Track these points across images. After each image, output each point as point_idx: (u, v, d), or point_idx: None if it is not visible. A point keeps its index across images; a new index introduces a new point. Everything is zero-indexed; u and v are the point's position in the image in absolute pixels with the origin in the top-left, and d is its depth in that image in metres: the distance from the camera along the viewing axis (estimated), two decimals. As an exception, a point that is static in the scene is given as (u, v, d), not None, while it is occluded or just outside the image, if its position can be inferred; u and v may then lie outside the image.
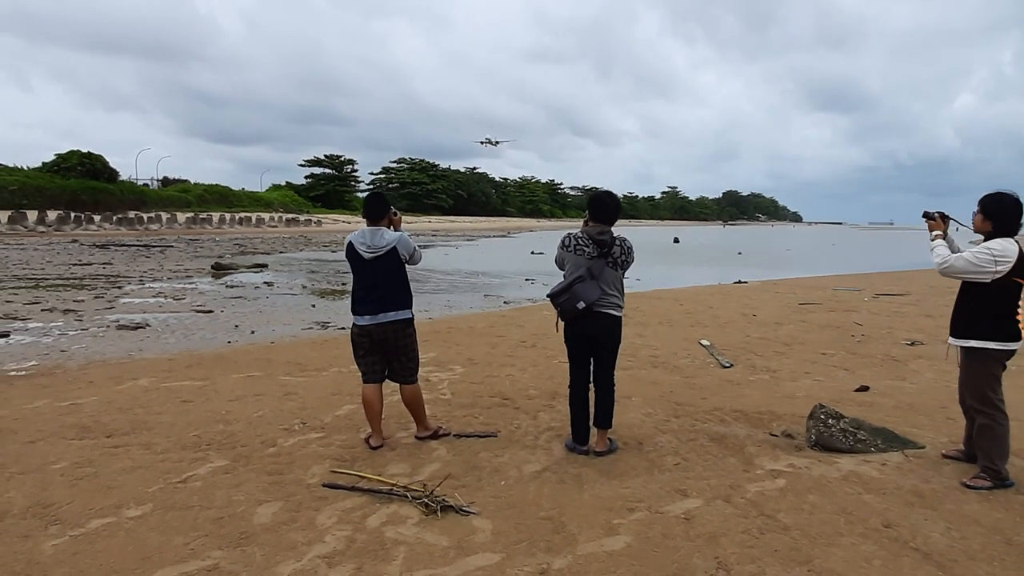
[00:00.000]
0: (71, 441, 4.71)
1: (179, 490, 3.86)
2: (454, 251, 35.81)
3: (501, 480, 4.05)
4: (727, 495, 3.78)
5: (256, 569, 3.00)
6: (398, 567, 3.02)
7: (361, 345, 4.59)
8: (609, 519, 3.48)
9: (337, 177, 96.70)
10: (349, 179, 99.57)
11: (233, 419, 5.20)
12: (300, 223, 67.33)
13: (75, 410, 5.47)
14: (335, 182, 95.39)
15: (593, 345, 4.44)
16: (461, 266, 25.25)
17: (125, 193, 63.90)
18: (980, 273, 3.83)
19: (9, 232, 44.00)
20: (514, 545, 3.22)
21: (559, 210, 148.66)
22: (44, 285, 17.21)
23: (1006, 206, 3.90)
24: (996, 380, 3.92)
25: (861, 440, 4.61)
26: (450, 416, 5.35)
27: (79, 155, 62.76)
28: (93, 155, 63.68)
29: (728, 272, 22.15)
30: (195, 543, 3.23)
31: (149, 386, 6.30)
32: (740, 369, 6.96)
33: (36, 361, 8.26)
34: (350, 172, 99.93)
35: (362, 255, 4.48)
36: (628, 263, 4.48)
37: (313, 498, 3.77)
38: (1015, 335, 3.85)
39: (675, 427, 5.04)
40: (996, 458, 3.90)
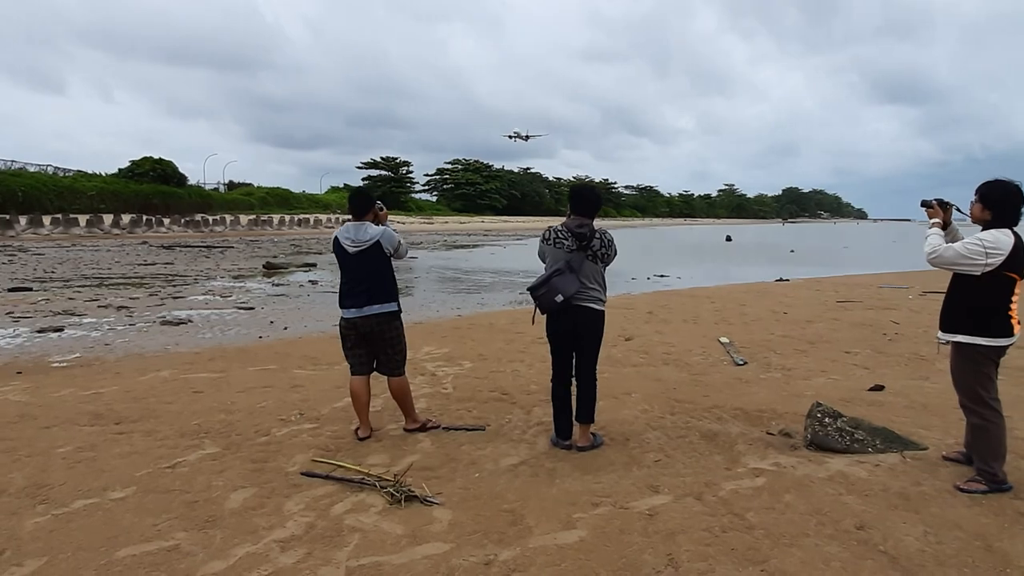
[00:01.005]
0: (82, 427, 4.97)
1: (165, 475, 4.02)
2: (500, 251, 36.00)
3: (475, 472, 4.06)
4: (699, 493, 3.69)
5: (212, 551, 3.11)
6: (347, 553, 3.08)
7: (348, 338, 4.68)
8: (570, 513, 3.45)
9: (393, 179, 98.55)
10: (405, 180, 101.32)
11: (236, 409, 5.38)
12: (356, 224, 68.76)
13: (95, 399, 5.76)
14: (391, 183, 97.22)
15: (574, 339, 4.41)
16: (503, 265, 25.36)
17: (193, 197, 66.79)
18: (970, 265, 3.62)
19: (87, 235, 46.57)
20: (467, 536, 3.23)
21: (612, 209, 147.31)
22: (107, 284, 18.15)
23: (1007, 195, 3.67)
24: (987, 378, 3.69)
25: (858, 440, 4.42)
26: (445, 409, 5.40)
27: (151, 161, 65.83)
28: (164, 161, 66.73)
29: (775, 270, 21.49)
30: (163, 524, 3.36)
31: (169, 377, 6.58)
32: (753, 367, 6.76)
33: (80, 353, 8.74)
34: (405, 174, 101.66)
35: (347, 249, 4.57)
36: (609, 256, 4.42)
37: (288, 485, 3.87)
38: (1006, 331, 3.63)
39: (668, 424, 4.94)
40: (991, 460, 3.68)
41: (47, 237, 42.29)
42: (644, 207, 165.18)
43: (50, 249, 32.21)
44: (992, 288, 3.61)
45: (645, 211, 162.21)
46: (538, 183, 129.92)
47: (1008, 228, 3.64)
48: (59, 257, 27.17)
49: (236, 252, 32.93)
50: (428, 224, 77.88)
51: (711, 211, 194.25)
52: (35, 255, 28.08)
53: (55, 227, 46.06)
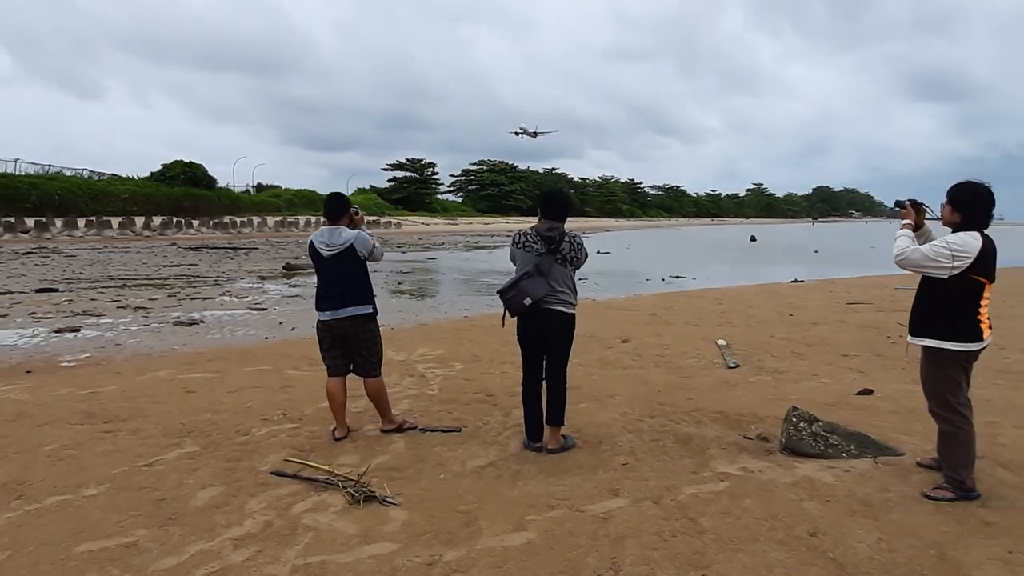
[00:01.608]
0: (72, 425, 5.12)
1: (140, 473, 4.13)
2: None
3: (441, 474, 4.10)
4: (658, 496, 3.68)
5: (168, 547, 3.19)
6: (296, 552, 3.14)
7: (324, 340, 4.76)
8: (524, 515, 3.46)
9: (418, 180, 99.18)
10: (430, 182, 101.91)
11: (222, 409, 5.50)
12: (380, 225, 69.44)
13: (90, 398, 5.93)
14: (416, 185, 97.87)
15: (543, 342, 4.42)
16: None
17: (222, 199, 68.03)
18: (936, 268, 3.55)
19: (119, 236, 47.68)
20: (417, 536, 3.27)
21: (638, 209, 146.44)
22: (130, 285, 18.59)
23: (976, 196, 3.61)
24: (955, 383, 3.62)
25: (832, 445, 4.36)
26: (427, 411, 5.45)
27: (182, 164, 67.17)
28: (194, 164, 68.05)
29: (793, 271, 21.18)
30: (128, 521, 3.46)
31: (166, 377, 6.74)
32: (745, 370, 6.69)
33: (90, 353, 8.99)
34: (430, 175, 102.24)
35: (321, 253, 4.65)
36: (579, 260, 4.43)
37: (255, 484, 3.95)
38: (975, 336, 3.55)
39: (645, 427, 4.92)
40: (959, 467, 3.60)
41: (81, 239, 43.37)
42: (671, 207, 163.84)
43: (82, 251, 33.03)
44: (960, 291, 3.54)
45: (672, 211, 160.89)
46: (563, 183, 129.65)
47: (977, 231, 3.57)
48: (89, 259, 27.87)
49: (260, 253, 33.46)
50: (452, 225, 78.26)
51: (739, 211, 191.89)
52: (67, 256, 28.84)
53: (89, 229, 47.23)
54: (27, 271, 22.06)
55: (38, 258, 27.61)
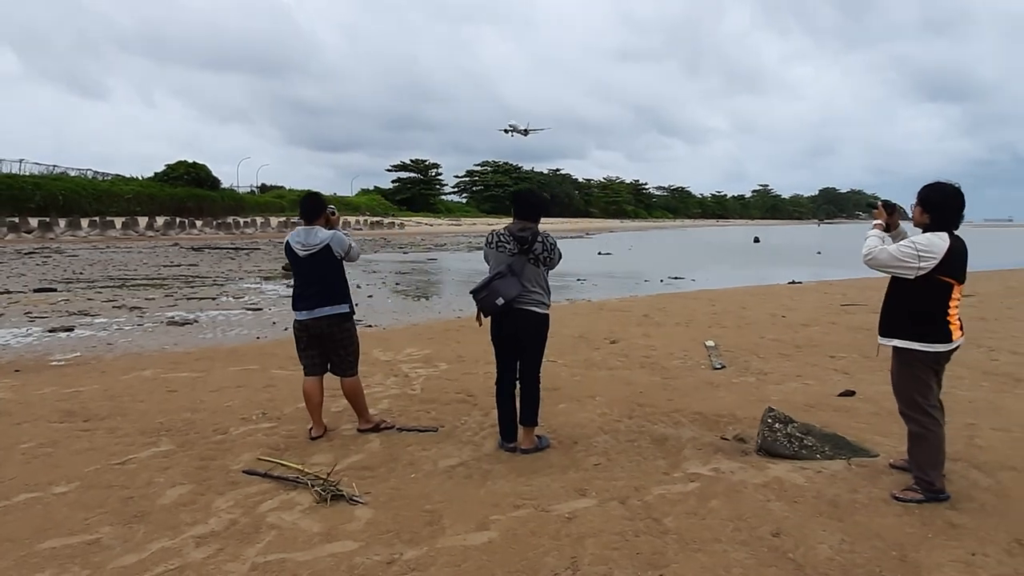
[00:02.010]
0: (51, 424, 5.14)
1: (113, 471, 4.14)
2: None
3: (412, 473, 4.10)
4: (625, 497, 3.67)
5: (131, 544, 3.20)
6: (257, 550, 3.14)
7: (300, 339, 4.76)
8: (488, 515, 3.46)
9: (422, 181, 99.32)
10: (434, 182, 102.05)
11: (202, 408, 5.51)
12: (383, 226, 69.58)
13: (72, 396, 5.95)
14: (420, 185, 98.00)
15: (516, 343, 4.42)
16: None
17: (226, 199, 68.19)
18: (903, 268, 3.54)
19: (122, 237, 47.88)
20: (379, 535, 3.27)
21: (643, 211, 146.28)
22: (128, 285, 18.65)
23: (945, 197, 3.59)
24: (925, 384, 3.60)
25: (807, 446, 4.34)
26: (406, 410, 5.45)
27: (186, 165, 67.34)
28: (198, 164, 68.22)
29: (793, 272, 21.09)
30: (94, 519, 3.47)
31: (150, 376, 6.76)
32: (730, 371, 6.67)
33: (80, 353, 9.02)
34: (435, 176, 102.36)
35: (297, 253, 4.66)
36: (552, 260, 4.43)
37: (225, 483, 3.95)
38: (943, 337, 3.53)
39: (622, 428, 4.91)
40: (928, 469, 3.58)
41: (84, 239, 43.56)
42: (676, 208, 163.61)
43: (85, 251, 33.18)
44: (928, 292, 3.53)
45: (677, 212, 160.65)
46: (568, 184, 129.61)
47: (947, 231, 3.55)
48: (91, 259, 27.98)
49: (261, 254, 33.54)
50: (455, 225, 78.31)
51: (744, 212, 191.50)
52: (69, 256, 28.97)
53: (92, 229, 47.43)
54: (28, 271, 22.17)
55: (40, 258, 27.73)
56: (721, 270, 22.48)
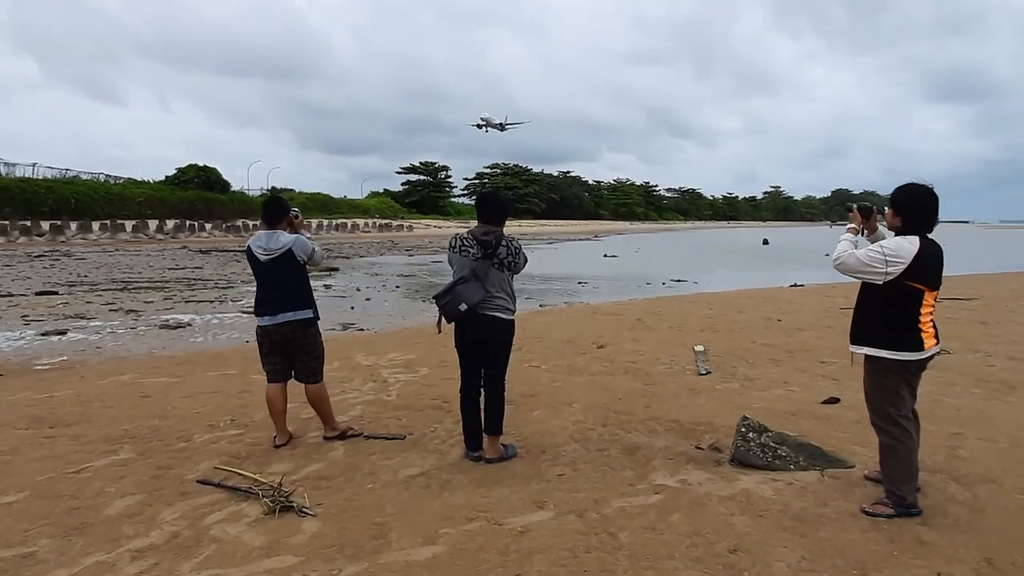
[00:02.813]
0: (16, 430, 5.07)
1: (66, 480, 4.06)
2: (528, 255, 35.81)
3: (369, 483, 3.99)
4: (584, 510, 3.54)
5: (66, 558, 3.10)
6: (193, 564, 3.03)
7: (263, 345, 4.67)
8: (438, 528, 3.34)
9: (432, 183, 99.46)
10: (443, 185, 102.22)
11: (171, 415, 5.43)
12: (392, 228, 69.67)
13: (44, 402, 5.89)
14: (430, 188, 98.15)
15: (481, 349, 4.30)
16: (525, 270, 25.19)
17: (235, 202, 68.56)
18: (870, 274, 3.40)
19: (132, 240, 48.21)
20: (322, 549, 3.15)
21: (654, 212, 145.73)
22: (130, 288, 18.70)
23: (915, 198, 3.45)
24: (895, 394, 3.45)
25: (780, 456, 4.19)
26: (377, 417, 5.34)
27: (196, 168, 67.81)
28: (208, 168, 68.68)
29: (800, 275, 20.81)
30: (34, 530, 3.38)
31: (127, 381, 6.70)
32: (715, 377, 6.51)
33: (67, 357, 8.99)
34: (444, 178, 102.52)
35: (259, 258, 4.56)
36: (516, 264, 4.32)
37: (176, 493, 3.85)
38: (914, 345, 3.38)
39: (594, 436, 4.78)
40: (899, 483, 3.43)
41: (94, 242, 43.86)
42: (686, 210, 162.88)
43: (93, 254, 33.37)
44: (897, 299, 3.38)
45: (687, 214, 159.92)
46: (578, 186, 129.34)
47: (919, 235, 3.40)
48: (98, 262, 28.10)
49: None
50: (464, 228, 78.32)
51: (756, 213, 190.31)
52: (77, 259, 29.13)
53: (103, 233, 47.77)
54: (34, 273, 22.30)
55: (48, 261, 27.90)
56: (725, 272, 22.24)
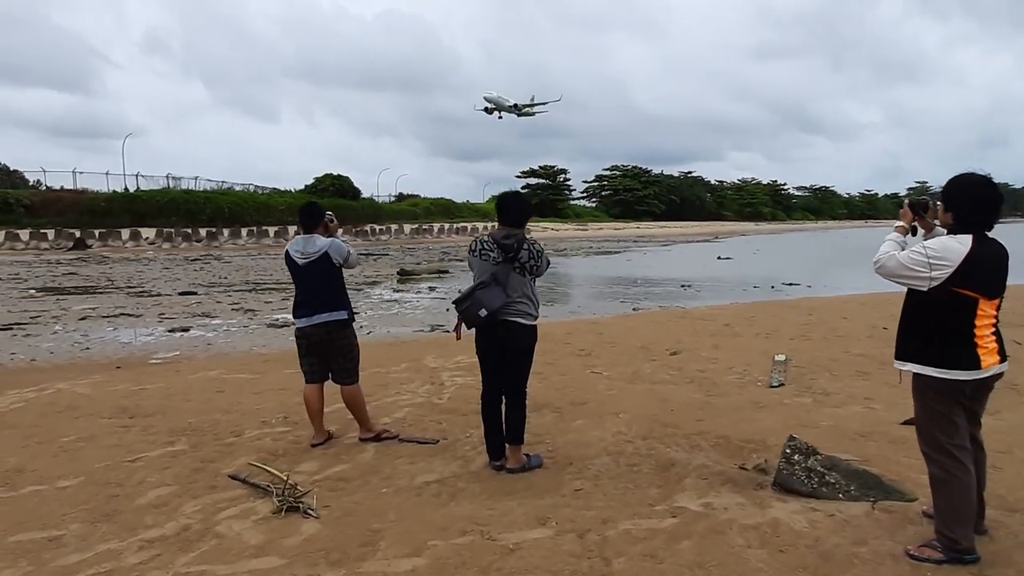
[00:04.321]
0: (101, 419, 5.56)
1: (119, 468, 4.38)
2: (640, 257, 35.05)
3: (383, 488, 3.98)
4: (586, 530, 3.32)
5: (84, 543, 3.31)
6: (189, 559, 3.14)
7: (301, 346, 4.81)
8: (429, 539, 3.25)
9: (551, 186, 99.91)
10: (562, 188, 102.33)
11: (234, 410, 5.73)
12: (510, 231, 70.58)
13: (136, 393, 6.43)
14: (549, 191, 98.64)
15: (501, 356, 4.17)
16: (631, 272, 24.67)
17: (365, 208, 72.42)
18: (913, 279, 2.93)
19: (274, 244, 52.16)
20: (309, 553, 3.17)
21: (782, 212, 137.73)
22: (258, 289, 20.18)
23: (967, 189, 2.95)
24: (945, 419, 2.95)
25: (828, 483, 3.74)
26: (420, 419, 5.36)
27: (331, 177, 72.41)
28: (342, 176, 73.12)
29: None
30: (71, 515, 3.66)
31: (213, 377, 7.17)
32: (788, 390, 5.96)
33: (180, 352, 9.82)
34: (563, 181, 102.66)
35: (297, 262, 4.71)
36: (539, 268, 4.15)
37: (207, 487, 4.04)
38: (968, 362, 2.88)
39: (630, 450, 4.51)
40: (951, 523, 2.93)
41: (242, 247, 47.89)
42: (818, 209, 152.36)
43: (239, 258, 36.41)
44: (946, 308, 2.90)
45: (819, 213, 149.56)
46: (699, 187, 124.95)
47: (972, 233, 2.90)
48: (241, 265, 30.51)
49: (388, 259, 35.19)
50: (582, 231, 77.93)
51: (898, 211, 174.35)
52: (224, 263, 31.83)
53: (250, 238, 52.13)
54: (184, 275, 24.66)
55: (200, 264, 30.69)
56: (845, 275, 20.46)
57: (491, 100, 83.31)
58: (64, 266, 28.66)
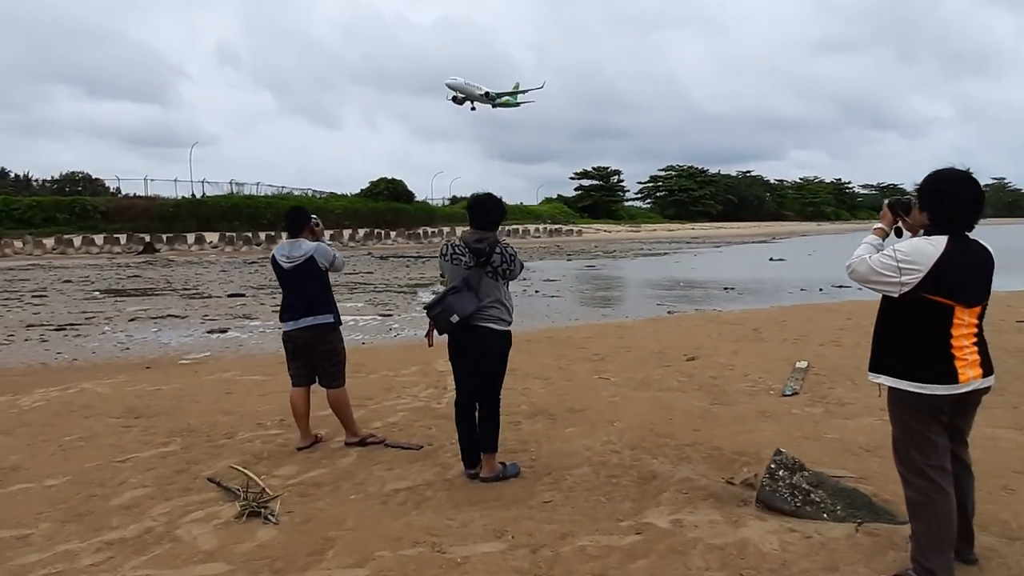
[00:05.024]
0: (109, 419, 5.71)
1: (107, 468, 4.46)
2: (689, 259, 34.27)
3: (352, 494, 3.93)
4: (541, 545, 3.17)
5: (47, 543, 3.37)
6: (139, 562, 3.15)
7: (287, 350, 4.82)
8: (376, 550, 3.17)
9: (604, 188, 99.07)
10: (615, 189, 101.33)
11: (235, 412, 5.80)
12: (562, 233, 70.41)
13: (150, 393, 6.59)
14: (602, 192, 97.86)
15: (474, 362, 4.07)
16: (674, 274, 24.13)
17: (418, 211, 73.48)
18: (884, 285, 2.68)
19: (329, 247, 53.55)
20: (255, 561, 3.13)
21: (845, 211, 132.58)
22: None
23: (942, 187, 2.68)
24: (923, 437, 2.68)
25: (813, 502, 3.49)
26: (411, 424, 5.30)
27: (386, 181, 73.71)
28: (396, 180, 74.33)
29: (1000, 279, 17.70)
30: (45, 514, 3.73)
31: (227, 378, 7.31)
32: (800, 399, 5.64)
33: (210, 352, 10.10)
34: (616, 183, 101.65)
35: (282, 266, 4.72)
36: (512, 272, 4.03)
37: (182, 489, 4.07)
38: (944, 376, 2.61)
39: (614, 461, 4.33)
40: (927, 550, 2.66)
41: (296, 250, 49.20)
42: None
43: (289, 261, 37.32)
44: (920, 316, 2.64)
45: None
46: (758, 186, 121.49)
47: (948, 234, 2.63)
48: (289, 268, 31.29)
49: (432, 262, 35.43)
50: (634, 232, 76.93)
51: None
52: (275, 266, 32.71)
53: (306, 242, 53.58)
54: (238, 277, 25.48)
55: (256, 267, 31.57)
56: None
57: (456, 87, 74.25)
58: (131, 269, 30.07)
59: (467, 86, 75.07)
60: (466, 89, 74.40)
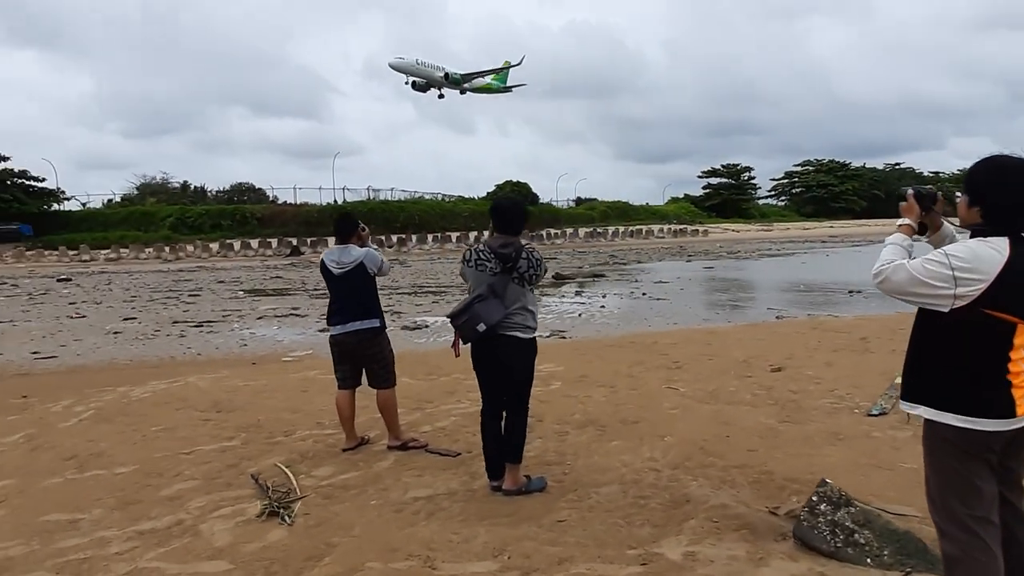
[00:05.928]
0: (195, 412, 6.14)
1: (172, 459, 4.78)
2: (819, 259, 31.82)
3: (374, 499, 3.94)
4: (534, 569, 3.01)
5: (91, 528, 3.65)
6: (155, 554, 3.32)
7: (334, 353, 4.95)
8: (369, 561, 3.14)
9: (734, 186, 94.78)
10: (746, 187, 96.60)
11: (303, 409, 6.05)
12: (687, 233, 68.15)
13: (238, 388, 7.04)
14: (732, 191, 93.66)
15: (500, 371, 3.94)
16: (798, 276, 22.50)
17: (543, 213, 74.03)
18: (931, 297, 2.22)
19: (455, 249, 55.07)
20: (255, 562, 3.20)
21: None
22: (419, 292, 21.37)
23: (1003, 178, 2.22)
24: (965, 481, 2.22)
25: (856, 544, 3.06)
26: (459, 430, 5.27)
27: (510, 185, 75.03)
28: (520, 183, 75.52)
29: None
30: (103, 500, 4.06)
31: (310, 377, 7.65)
32: (888, 419, 4.99)
33: (312, 351, 10.64)
34: (747, 180, 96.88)
35: (332, 271, 4.85)
36: (538, 278, 3.88)
37: (225, 484, 4.28)
38: (998, 408, 2.15)
39: (650, 480, 4.04)
40: (962, 617, 2.22)
41: (427, 252, 51.20)
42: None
43: (420, 262, 38.71)
44: (973, 336, 2.19)
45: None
46: (908, 180, 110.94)
47: (1008, 236, 2.18)
48: (417, 270, 32.09)
49: (554, 263, 35.32)
50: (765, 231, 72.77)
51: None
52: (405, 268, 33.98)
53: (435, 244, 55.66)
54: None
55: (383, 267, 33.04)
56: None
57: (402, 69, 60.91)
58: (277, 271, 32.50)
59: (419, 68, 62.67)
60: (419, 71, 62.30)
